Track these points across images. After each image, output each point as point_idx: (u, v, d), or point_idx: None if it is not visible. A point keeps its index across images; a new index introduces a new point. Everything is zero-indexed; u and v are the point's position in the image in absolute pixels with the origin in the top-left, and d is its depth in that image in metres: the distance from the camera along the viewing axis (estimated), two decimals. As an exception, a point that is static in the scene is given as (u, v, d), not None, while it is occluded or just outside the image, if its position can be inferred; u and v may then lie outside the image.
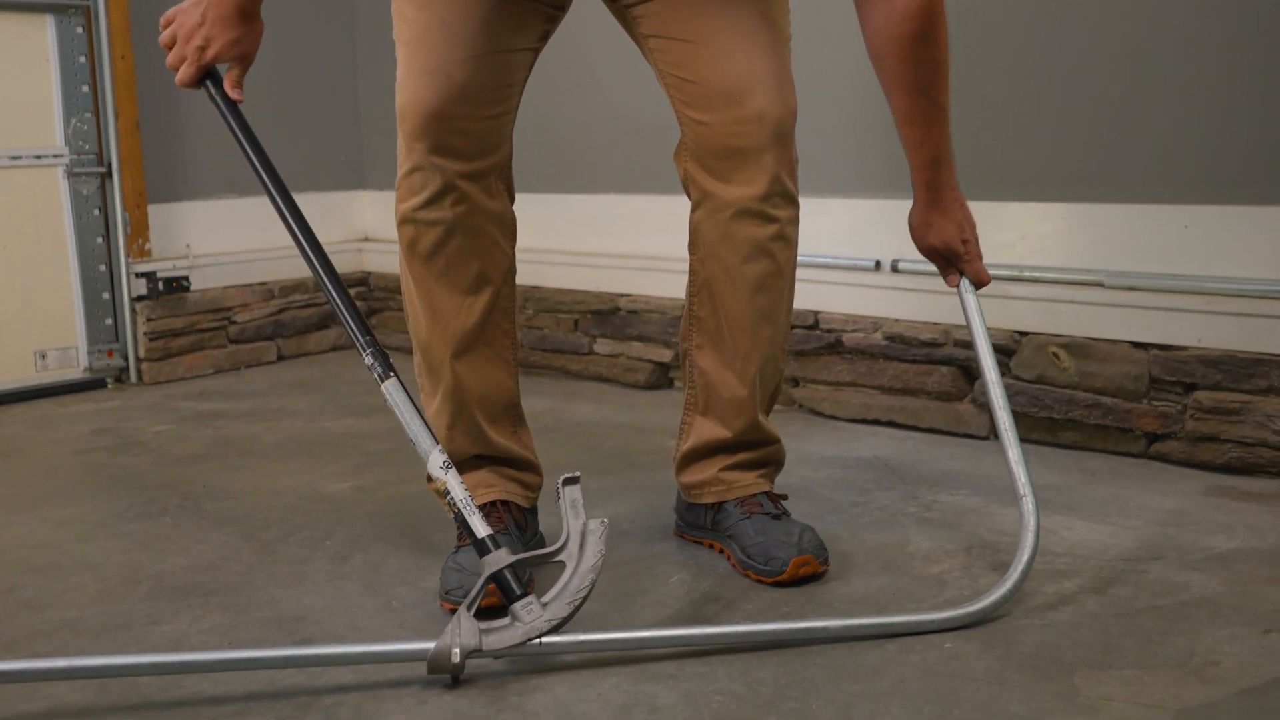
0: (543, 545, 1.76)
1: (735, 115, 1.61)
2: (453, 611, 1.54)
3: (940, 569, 1.69)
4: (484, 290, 1.66)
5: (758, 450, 1.76)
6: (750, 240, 1.66)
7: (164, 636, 1.53)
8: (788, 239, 1.69)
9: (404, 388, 1.48)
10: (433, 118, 1.56)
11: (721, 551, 1.74)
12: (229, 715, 1.32)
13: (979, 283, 1.76)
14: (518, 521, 1.70)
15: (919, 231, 1.73)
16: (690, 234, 1.72)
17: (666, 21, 1.63)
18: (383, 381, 1.49)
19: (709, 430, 1.75)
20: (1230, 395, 2.07)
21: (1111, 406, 2.20)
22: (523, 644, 1.37)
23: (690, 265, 1.74)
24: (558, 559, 1.40)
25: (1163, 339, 2.14)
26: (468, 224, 1.62)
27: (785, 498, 1.78)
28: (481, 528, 1.40)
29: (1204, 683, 1.33)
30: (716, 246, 1.67)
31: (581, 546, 1.40)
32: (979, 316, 1.74)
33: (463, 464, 1.69)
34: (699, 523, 1.79)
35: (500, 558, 1.39)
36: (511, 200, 1.73)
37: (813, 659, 1.41)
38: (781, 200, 1.66)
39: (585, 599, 1.39)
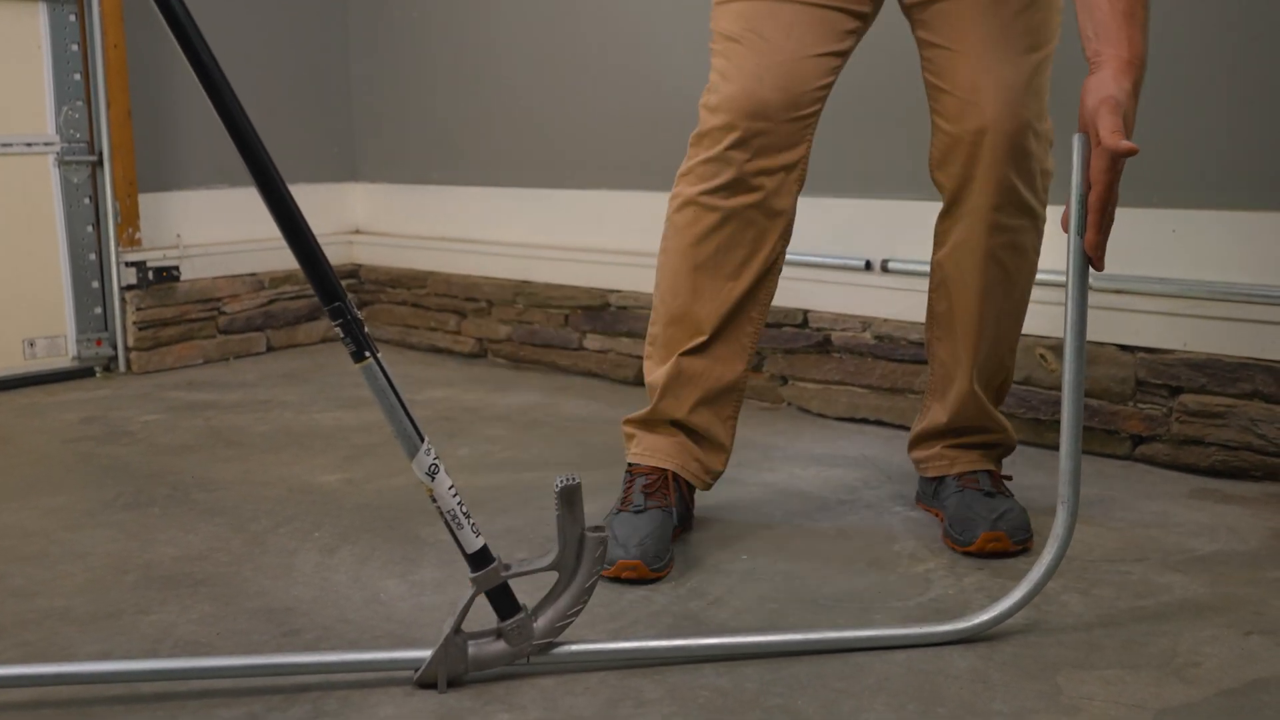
0: (690, 525, 1.84)
1: (974, 126, 1.67)
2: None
3: (926, 567, 1.70)
4: (743, 278, 1.73)
5: (982, 435, 1.87)
6: (984, 249, 1.74)
7: (152, 626, 1.54)
8: (1019, 247, 1.77)
9: (384, 371, 1.31)
10: (742, 116, 1.65)
11: (939, 517, 1.86)
12: (217, 705, 1.32)
13: (1098, 226, 1.40)
14: (684, 497, 1.79)
15: (1102, 95, 1.39)
16: (935, 233, 1.82)
17: (937, 27, 1.69)
18: (358, 361, 1.31)
19: (939, 415, 1.86)
20: (1215, 399, 2.08)
21: (1097, 409, 2.21)
22: (510, 663, 1.37)
23: (931, 263, 1.83)
24: (550, 570, 1.37)
25: (1149, 342, 2.15)
26: (745, 215, 1.70)
27: (1009, 478, 1.89)
28: (473, 541, 1.34)
29: (1185, 683, 1.34)
30: (954, 250, 1.77)
31: (577, 556, 1.37)
32: (1078, 274, 1.42)
33: (659, 424, 1.78)
34: (927, 493, 1.91)
35: (493, 575, 1.35)
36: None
37: (798, 656, 1.42)
38: (1015, 210, 1.73)
39: (576, 617, 1.38)
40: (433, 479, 1.33)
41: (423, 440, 1.33)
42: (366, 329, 1.31)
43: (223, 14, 3.24)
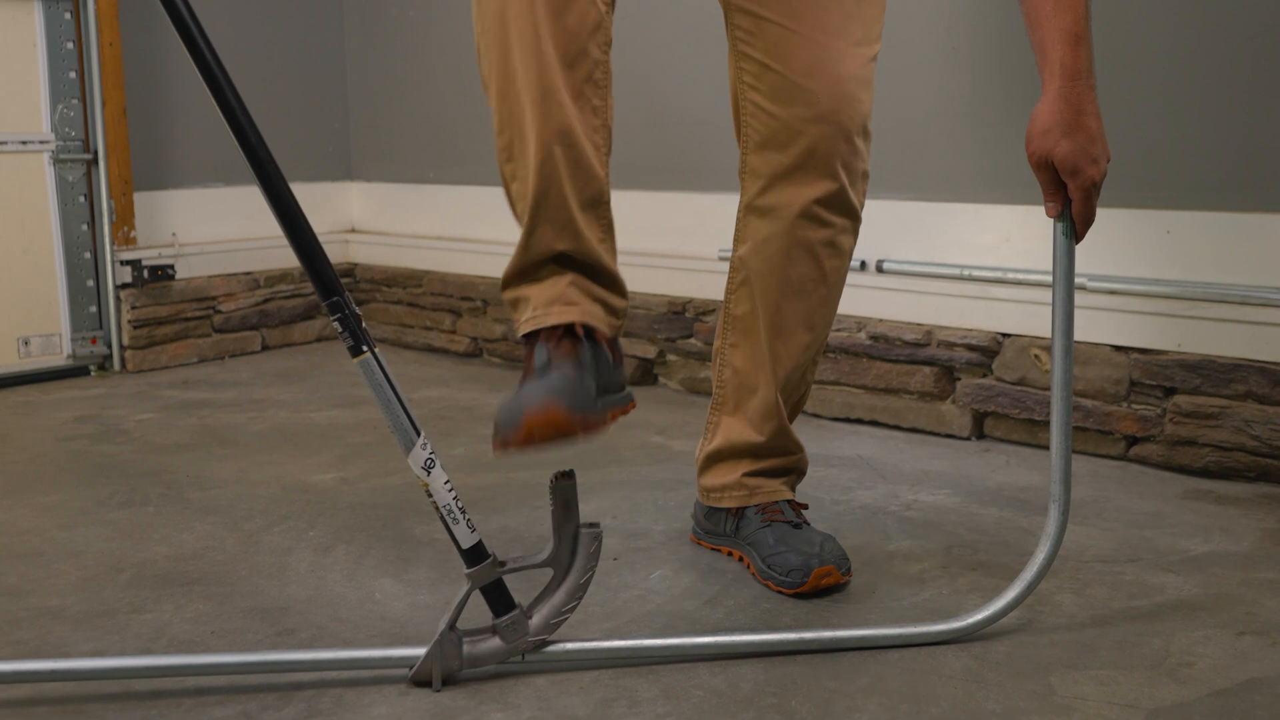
0: (622, 384, 1.52)
1: (812, 113, 1.55)
2: (504, 448, 1.35)
3: (920, 568, 1.70)
4: (585, 27, 1.42)
5: (783, 458, 1.72)
6: (801, 242, 1.61)
7: (146, 625, 1.54)
8: (838, 248, 1.64)
9: (382, 366, 1.32)
10: None
11: (741, 559, 1.71)
12: (211, 704, 1.32)
13: (1079, 228, 1.43)
14: (600, 353, 1.46)
15: (1039, 131, 1.40)
16: (737, 228, 1.67)
17: (769, 1, 1.55)
18: (355, 355, 1.32)
19: (738, 432, 1.69)
20: (1209, 400, 2.08)
21: (1092, 409, 2.21)
22: (505, 660, 1.37)
23: (731, 261, 1.69)
24: (545, 566, 1.37)
25: (1143, 343, 2.16)
26: None
27: (805, 507, 1.75)
28: (468, 537, 1.35)
29: (1178, 683, 1.34)
30: (764, 245, 1.63)
31: (572, 553, 1.37)
32: (1065, 274, 1.44)
33: (540, 265, 1.46)
34: (719, 529, 1.74)
35: (488, 571, 1.35)
36: None
37: (792, 655, 1.42)
38: (840, 207, 1.61)
39: (571, 614, 1.38)
40: (428, 473, 1.33)
41: (419, 435, 1.33)
42: (365, 324, 1.31)
43: (220, 12, 3.24)
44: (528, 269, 1.46)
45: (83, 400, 2.80)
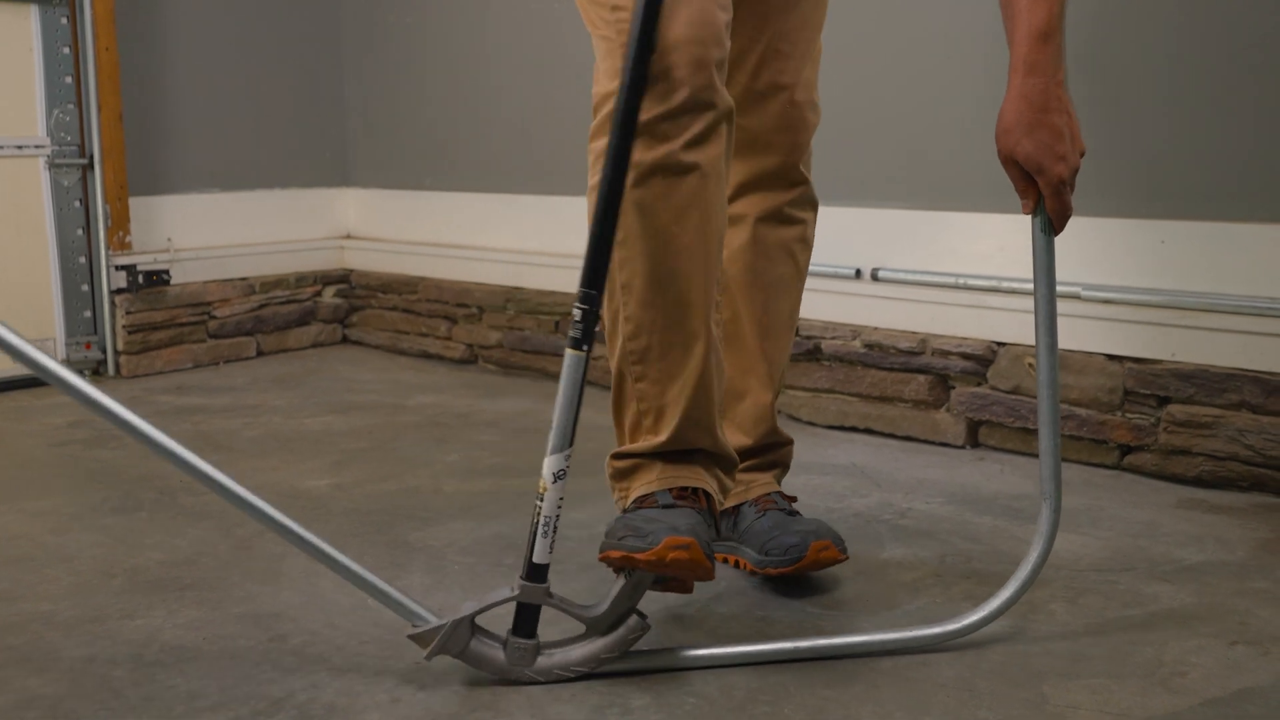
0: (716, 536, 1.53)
1: (780, 123, 1.58)
2: (613, 564, 1.38)
3: (914, 576, 1.70)
4: (724, 231, 1.47)
5: (774, 453, 1.74)
6: (777, 243, 1.66)
7: (138, 631, 1.53)
8: (807, 241, 1.70)
9: (585, 370, 1.37)
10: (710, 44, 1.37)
11: (737, 564, 1.70)
12: (202, 710, 1.32)
13: (1055, 223, 1.42)
14: (713, 511, 1.49)
15: (1002, 130, 1.39)
16: None
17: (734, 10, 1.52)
18: (574, 349, 1.36)
19: (728, 436, 1.64)
20: (1203, 409, 2.09)
21: (1086, 418, 2.22)
22: (495, 675, 1.38)
23: None
24: (584, 621, 1.38)
25: (1137, 352, 2.16)
26: (720, 168, 1.42)
27: (795, 499, 1.75)
28: (544, 554, 1.35)
29: (1171, 693, 1.34)
30: (741, 252, 1.65)
31: (613, 626, 1.37)
32: (1046, 271, 1.44)
33: (675, 453, 1.47)
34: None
35: (538, 593, 1.36)
36: None
37: (785, 663, 1.42)
38: (806, 203, 1.67)
39: (576, 678, 1.38)
40: (553, 482, 1.36)
41: (570, 446, 1.36)
42: (598, 327, 1.36)
43: (218, 18, 3.24)
44: (659, 455, 1.48)
45: (76, 405, 2.78)
